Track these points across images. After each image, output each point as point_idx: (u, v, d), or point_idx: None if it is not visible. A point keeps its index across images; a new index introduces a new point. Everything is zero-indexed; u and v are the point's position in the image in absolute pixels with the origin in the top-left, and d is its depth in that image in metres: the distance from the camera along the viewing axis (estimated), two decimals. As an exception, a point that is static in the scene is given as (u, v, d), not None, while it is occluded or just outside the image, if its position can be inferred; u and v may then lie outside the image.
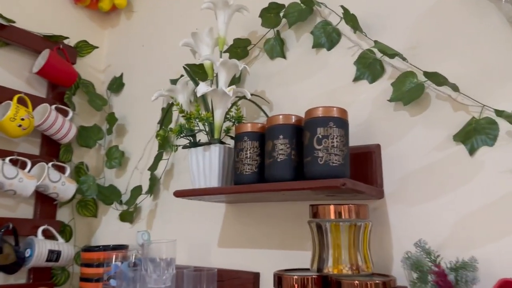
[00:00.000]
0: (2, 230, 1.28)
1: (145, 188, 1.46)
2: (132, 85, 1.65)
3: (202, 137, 1.14)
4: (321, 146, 0.84)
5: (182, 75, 1.46)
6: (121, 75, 1.67)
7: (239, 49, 1.27)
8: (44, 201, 1.46)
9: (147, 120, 1.56)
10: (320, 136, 0.84)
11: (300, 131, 0.91)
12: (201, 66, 1.26)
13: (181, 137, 1.13)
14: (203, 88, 1.04)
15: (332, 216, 0.84)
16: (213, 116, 1.09)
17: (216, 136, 1.08)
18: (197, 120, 1.11)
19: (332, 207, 0.85)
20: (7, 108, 1.35)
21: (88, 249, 1.31)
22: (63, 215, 1.54)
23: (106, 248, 1.29)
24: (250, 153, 0.98)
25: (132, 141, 1.58)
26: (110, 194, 1.47)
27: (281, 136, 0.91)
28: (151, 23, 1.64)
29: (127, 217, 1.45)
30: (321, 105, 0.90)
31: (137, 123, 1.59)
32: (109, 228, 1.56)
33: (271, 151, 0.92)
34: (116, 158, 1.53)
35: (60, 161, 1.49)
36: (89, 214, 1.57)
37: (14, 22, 1.39)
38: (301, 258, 1.08)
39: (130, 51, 1.69)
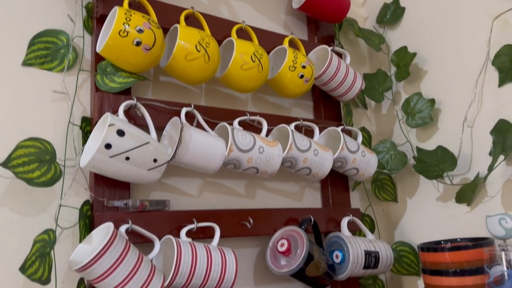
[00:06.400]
0: (305, 225, 0.88)
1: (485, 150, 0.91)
2: (416, 7, 1.13)
3: None
4: None
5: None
6: (396, -2, 1.16)
7: None
8: (334, 182, 1.04)
9: (458, 47, 1.01)
10: None
11: None
12: None
13: None
14: None
15: None
16: None
17: None
18: None
19: None
20: (279, 56, 0.96)
21: (433, 248, 0.86)
22: (353, 201, 1.10)
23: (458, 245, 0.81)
24: None
25: (438, 84, 1.06)
26: (437, 162, 0.95)
27: None
28: None
29: (467, 194, 0.92)
30: None
31: (438, 56, 1.06)
32: (422, 215, 1.06)
33: None
34: (423, 111, 1.03)
35: (347, 125, 1.05)
36: (389, 197, 1.10)
37: None
38: None
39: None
